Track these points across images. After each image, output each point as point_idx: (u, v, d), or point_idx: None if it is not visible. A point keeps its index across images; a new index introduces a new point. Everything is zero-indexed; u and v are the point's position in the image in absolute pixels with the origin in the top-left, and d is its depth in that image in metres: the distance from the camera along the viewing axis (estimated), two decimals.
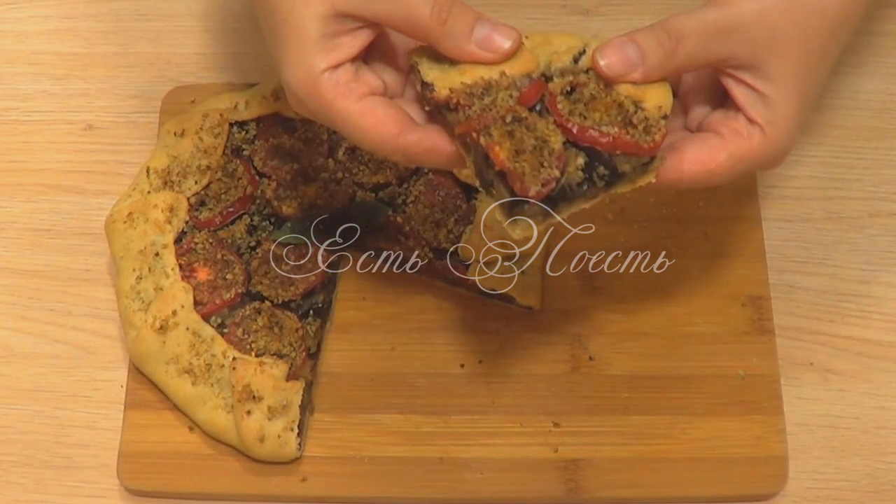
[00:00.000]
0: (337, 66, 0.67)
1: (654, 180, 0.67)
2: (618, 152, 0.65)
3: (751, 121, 0.68)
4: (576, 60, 0.69)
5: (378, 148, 0.68)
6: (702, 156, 0.68)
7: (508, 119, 0.65)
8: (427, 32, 0.66)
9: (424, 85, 0.68)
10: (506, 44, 0.67)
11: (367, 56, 0.70)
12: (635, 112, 0.66)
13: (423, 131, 0.67)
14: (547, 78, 0.68)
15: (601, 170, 0.65)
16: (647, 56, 0.66)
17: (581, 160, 0.65)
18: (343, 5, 0.67)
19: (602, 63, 0.66)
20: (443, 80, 0.67)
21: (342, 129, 0.68)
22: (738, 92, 0.68)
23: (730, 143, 0.68)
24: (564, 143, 0.65)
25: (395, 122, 0.67)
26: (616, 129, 0.65)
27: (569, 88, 0.67)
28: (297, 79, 0.68)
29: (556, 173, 0.64)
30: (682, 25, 0.67)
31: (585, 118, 0.66)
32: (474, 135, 0.65)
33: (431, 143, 0.67)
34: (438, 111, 0.68)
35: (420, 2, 0.66)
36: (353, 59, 0.68)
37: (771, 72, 0.68)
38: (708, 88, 0.71)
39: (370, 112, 0.67)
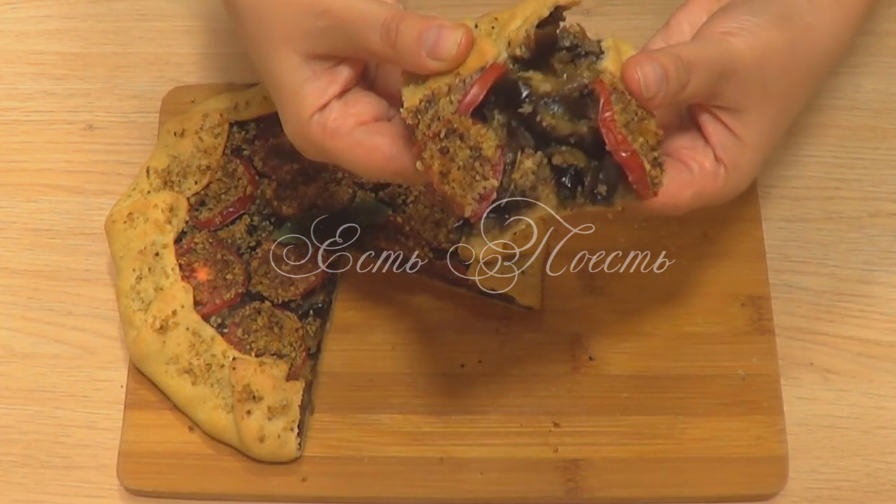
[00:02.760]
0: (322, 107, 0.67)
1: (619, 209, 0.64)
2: (634, 186, 0.62)
3: (718, 159, 0.68)
4: (539, 26, 0.63)
5: (376, 175, 0.68)
6: (671, 188, 0.66)
7: (443, 134, 0.61)
8: (385, 58, 0.66)
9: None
10: (451, 50, 0.63)
11: (372, 83, 0.71)
12: (659, 154, 0.62)
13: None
14: (514, 59, 0.63)
15: (602, 189, 0.61)
16: (669, 82, 0.63)
17: (531, 162, 0.61)
18: (310, 49, 0.67)
19: (640, 77, 0.62)
20: (409, 98, 0.65)
21: (342, 165, 0.68)
22: (712, 129, 0.68)
23: (698, 180, 0.67)
24: (511, 150, 0.61)
25: (386, 147, 0.66)
26: (646, 163, 0.62)
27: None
28: (292, 131, 0.69)
29: (493, 183, 0.60)
30: (695, 58, 0.64)
31: (632, 138, 0.61)
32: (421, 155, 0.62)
33: None
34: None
35: (370, 30, 0.65)
36: (341, 95, 0.68)
37: (751, 119, 0.67)
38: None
39: (358, 145, 0.67)
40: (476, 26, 0.65)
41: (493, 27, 0.65)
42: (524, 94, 0.62)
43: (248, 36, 0.70)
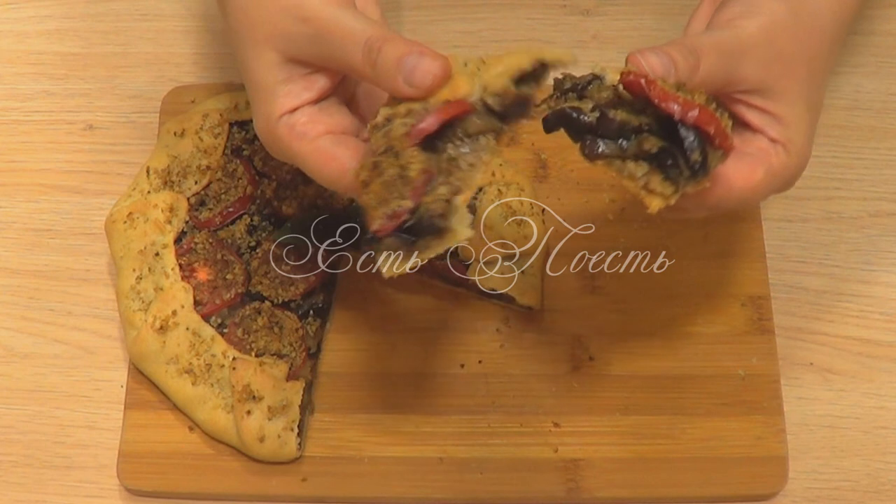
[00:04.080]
0: (294, 110, 0.67)
1: (707, 185, 0.64)
2: (716, 140, 0.61)
3: (772, 140, 0.68)
4: (518, 80, 0.64)
5: (330, 185, 0.68)
6: (743, 171, 0.67)
7: (381, 150, 0.62)
8: (363, 76, 0.66)
9: None
10: (426, 80, 0.63)
11: (350, 101, 0.71)
12: (716, 105, 0.63)
13: None
14: (485, 105, 0.63)
15: (696, 156, 0.61)
16: (678, 68, 0.64)
17: (445, 189, 0.61)
18: (290, 52, 0.67)
19: (645, 65, 0.64)
20: (380, 117, 0.64)
21: (304, 170, 0.68)
22: (752, 116, 0.69)
23: (763, 158, 0.68)
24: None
25: (346, 160, 0.66)
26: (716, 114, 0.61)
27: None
28: (261, 128, 0.69)
29: (409, 204, 0.60)
30: (700, 43, 0.66)
31: (691, 97, 0.61)
32: None
33: None
34: None
35: (352, 46, 0.65)
36: (315, 102, 0.68)
37: (781, 93, 0.68)
38: None
39: (320, 152, 0.67)
40: (466, 64, 0.65)
41: (478, 68, 0.64)
42: (575, 116, 0.63)
43: (232, 29, 0.70)
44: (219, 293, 0.82)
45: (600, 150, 0.63)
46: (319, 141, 0.67)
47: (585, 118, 0.63)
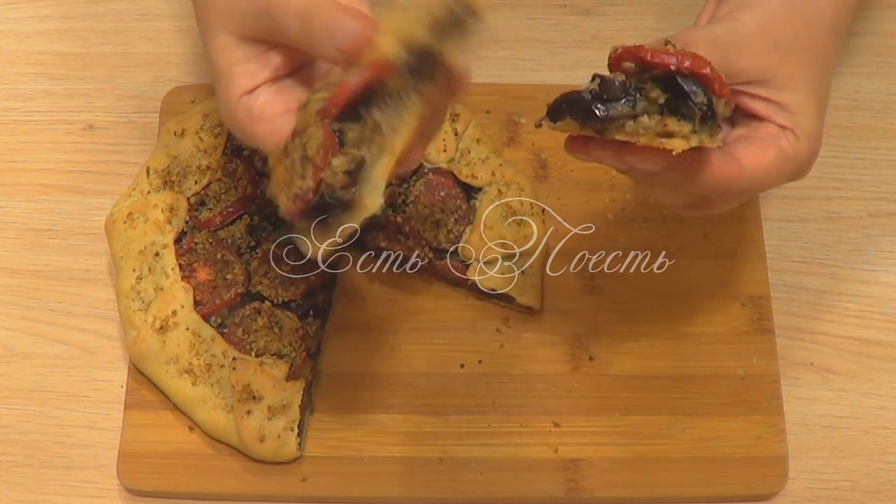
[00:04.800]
0: (252, 90, 0.67)
1: (720, 144, 0.63)
2: (714, 84, 0.61)
3: (781, 126, 0.69)
4: (439, 32, 0.61)
5: None
6: (754, 153, 0.67)
7: (294, 132, 0.61)
8: (304, 46, 0.65)
9: None
10: (347, 41, 0.62)
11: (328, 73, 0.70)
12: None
13: None
14: (407, 64, 0.61)
15: (700, 97, 0.61)
16: None
17: (339, 161, 0.59)
18: (242, 30, 0.67)
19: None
20: None
21: (265, 152, 0.67)
22: (757, 106, 0.69)
23: (772, 142, 0.68)
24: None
25: None
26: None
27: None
28: (223, 112, 0.69)
29: (309, 184, 0.59)
30: (693, 37, 0.67)
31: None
32: None
33: None
34: None
35: (290, 16, 0.64)
36: (274, 80, 0.67)
37: (783, 81, 0.68)
38: None
39: (275, 132, 0.65)
40: (405, 18, 0.62)
41: (408, 21, 0.62)
42: (577, 95, 0.62)
43: (196, 19, 0.70)
44: (219, 293, 0.82)
45: (610, 113, 0.62)
46: (276, 121, 0.66)
47: (588, 94, 0.62)
